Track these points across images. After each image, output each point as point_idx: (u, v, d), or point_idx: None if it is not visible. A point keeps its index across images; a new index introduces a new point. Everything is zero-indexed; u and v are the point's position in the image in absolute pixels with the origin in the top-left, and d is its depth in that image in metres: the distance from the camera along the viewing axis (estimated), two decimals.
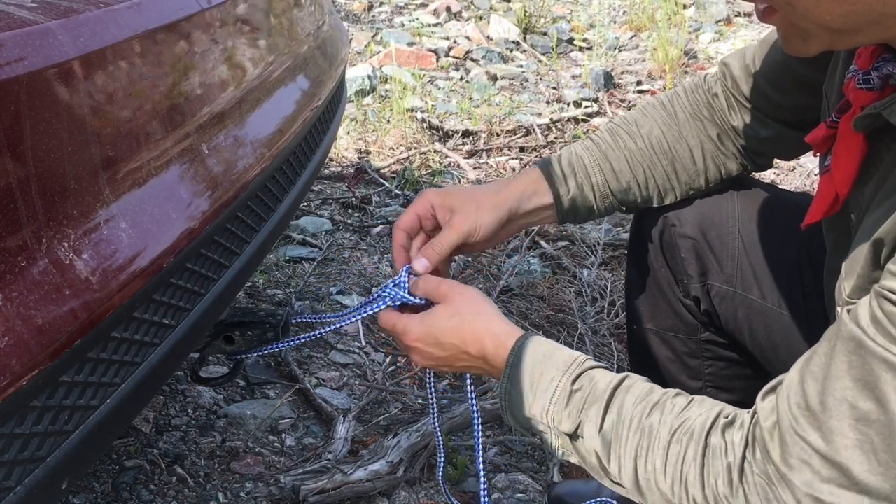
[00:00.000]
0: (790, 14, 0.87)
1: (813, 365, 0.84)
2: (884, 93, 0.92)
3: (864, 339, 0.79)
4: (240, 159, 1.24)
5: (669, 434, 0.95)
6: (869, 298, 0.80)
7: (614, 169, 1.37)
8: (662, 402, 0.98)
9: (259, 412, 1.96)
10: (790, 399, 0.85)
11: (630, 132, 1.39)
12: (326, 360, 2.21)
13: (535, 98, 4.47)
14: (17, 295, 0.78)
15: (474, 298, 1.14)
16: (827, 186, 1.00)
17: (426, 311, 1.15)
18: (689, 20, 5.79)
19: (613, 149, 1.37)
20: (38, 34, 0.84)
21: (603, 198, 1.38)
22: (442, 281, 1.18)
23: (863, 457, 0.78)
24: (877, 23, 0.83)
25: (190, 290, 1.09)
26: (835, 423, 0.80)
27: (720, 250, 1.36)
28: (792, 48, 0.93)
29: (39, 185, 0.83)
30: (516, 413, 1.08)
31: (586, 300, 2.51)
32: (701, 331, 1.45)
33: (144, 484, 1.72)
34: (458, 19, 5.86)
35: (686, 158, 1.38)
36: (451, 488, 1.79)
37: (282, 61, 1.49)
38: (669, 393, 1.00)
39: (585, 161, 1.36)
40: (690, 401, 0.98)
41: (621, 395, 1.00)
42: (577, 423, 1.01)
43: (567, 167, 1.36)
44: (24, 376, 0.77)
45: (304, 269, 2.65)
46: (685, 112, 1.39)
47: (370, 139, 3.73)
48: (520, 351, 1.07)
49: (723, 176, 1.39)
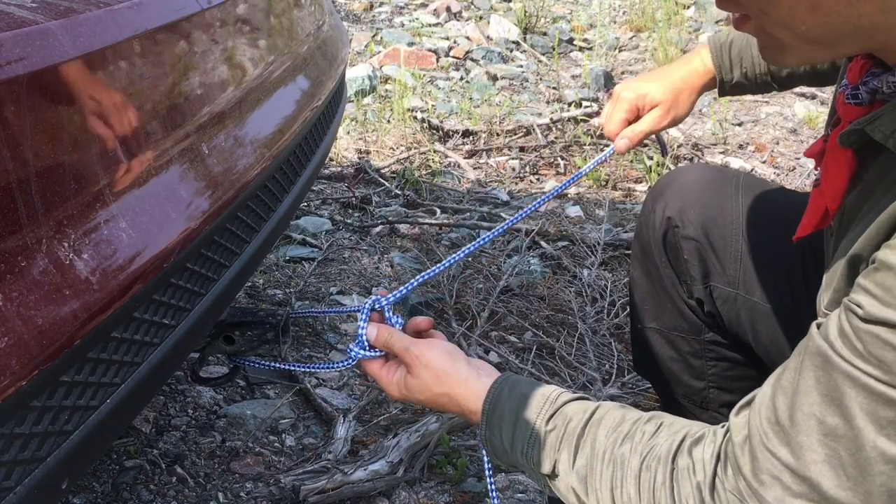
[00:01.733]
0: (764, 23, 0.86)
1: (783, 379, 0.84)
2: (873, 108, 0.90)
3: (831, 353, 0.78)
4: (240, 159, 1.24)
5: (640, 461, 0.95)
6: (838, 311, 0.80)
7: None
8: (632, 432, 0.98)
9: (259, 412, 1.96)
10: (761, 414, 0.85)
11: None
12: (326, 361, 2.21)
13: (535, 98, 4.47)
14: (17, 295, 0.78)
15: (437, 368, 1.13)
16: (817, 200, 1.00)
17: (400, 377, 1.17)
18: (689, 20, 5.79)
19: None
20: (38, 34, 0.84)
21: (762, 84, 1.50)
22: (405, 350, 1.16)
23: (832, 472, 0.78)
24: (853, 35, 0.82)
25: (190, 290, 1.09)
26: (803, 438, 0.80)
27: (723, 252, 1.36)
28: (769, 58, 0.91)
29: (39, 185, 0.83)
30: (501, 457, 1.09)
31: (586, 300, 2.51)
32: (705, 331, 1.44)
33: (144, 484, 1.72)
34: (458, 19, 5.86)
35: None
36: (451, 488, 1.79)
37: (282, 61, 1.49)
38: (641, 420, 1.00)
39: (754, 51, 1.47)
40: (659, 425, 0.98)
41: (593, 429, 1.00)
42: (553, 463, 1.02)
43: (736, 56, 1.47)
44: (24, 376, 0.77)
45: (304, 269, 2.65)
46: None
47: (370, 139, 3.73)
48: (495, 399, 1.08)
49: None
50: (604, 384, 2.10)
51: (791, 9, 0.81)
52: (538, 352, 2.27)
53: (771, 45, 0.89)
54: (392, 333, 1.19)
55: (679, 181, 1.41)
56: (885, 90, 0.86)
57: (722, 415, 1.50)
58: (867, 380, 0.75)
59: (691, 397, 1.51)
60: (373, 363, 1.21)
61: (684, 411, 1.52)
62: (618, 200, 3.32)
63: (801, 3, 0.80)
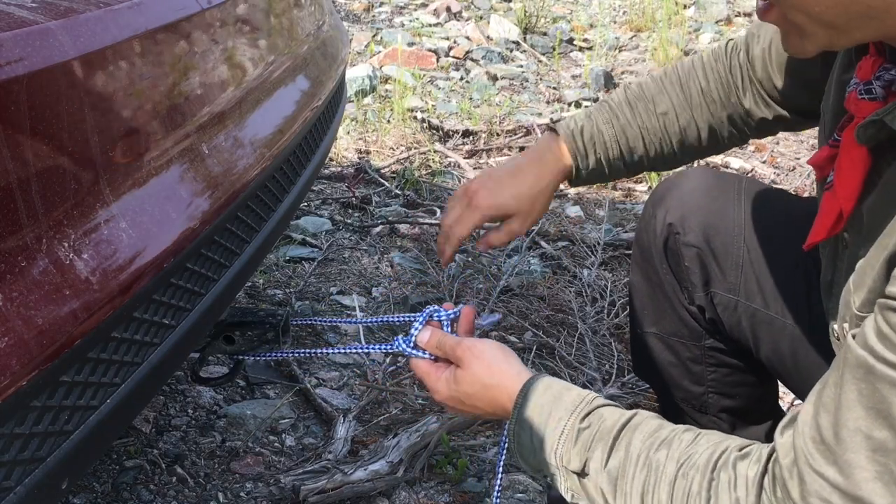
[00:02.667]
0: (783, 7, 0.88)
1: (825, 396, 0.82)
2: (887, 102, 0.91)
3: (872, 361, 0.76)
4: (240, 159, 1.24)
5: (676, 468, 0.93)
6: (873, 316, 0.78)
7: (630, 145, 1.42)
8: (670, 439, 0.96)
9: (259, 412, 1.96)
10: (805, 434, 0.83)
11: (647, 110, 1.42)
12: (326, 360, 2.21)
13: (535, 98, 4.47)
14: (18, 295, 0.78)
15: (490, 360, 1.15)
16: (830, 203, 0.99)
17: (449, 374, 1.19)
18: (689, 20, 5.79)
19: (631, 125, 1.42)
20: (38, 34, 0.84)
21: (615, 170, 1.45)
22: (458, 343, 1.18)
23: (884, 489, 0.76)
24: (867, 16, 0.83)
25: (190, 290, 1.09)
26: (851, 455, 0.77)
27: (724, 259, 1.36)
28: (791, 47, 0.93)
29: (39, 185, 0.83)
30: (526, 454, 1.07)
31: (586, 300, 2.51)
32: (705, 337, 1.44)
33: (144, 484, 1.72)
34: (458, 19, 5.86)
35: (693, 139, 1.43)
36: (451, 488, 1.79)
37: (282, 61, 1.49)
38: (679, 429, 0.98)
39: (606, 137, 1.42)
40: (698, 435, 0.96)
41: (629, 432, 0.99)
42: (584, 461, 0.99)
43: (588, 142, 1.42)
44: (24, 376, 0.77)
45: (304, 269, 2.65)
46: (700, 94, 1.42)
47: (370, 139, 3.73)
48: (528, 393, 1.08)
49: (717, 148, 1.47)
50: (604, 384, 2.10)
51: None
52: (538, 352, 2.27)
53: (792, 32, 0.91)
54: (444, 335, 1.22)
55: (680, 187, 1.41)
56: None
57: (721, 419, 1.49)
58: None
59: (690, 402, 1.51)
60: (422, 362, 1.24)
61: (683, 415, 1.52)
62: (618, 200, 3.32)
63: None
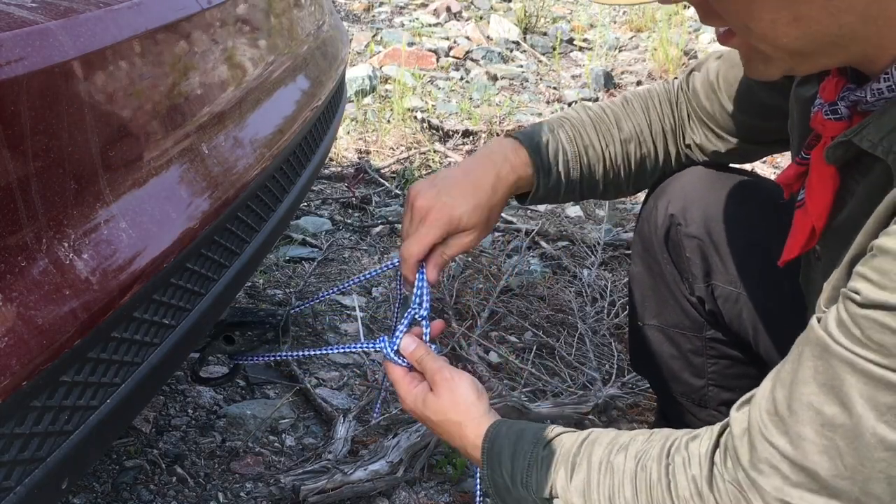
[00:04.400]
0: (748, 37, 0.87)
1: (782, 372, 0.85)
2: (852, 122, 0.92)
3: (829, 342, 0.79)
4: (240, 159, 1.24)
5: (635, 464, 0.96)
6: (837, 304, 0.81)
7: (591, 166, 1.39)
8: (626, 443, 0.99)
9: (259, 412, 1.96)
10: (760, 406, 0.85)
11: (611, 133, 1.40)
12: (326, 360, 2.21)
13: (535, 98, 4.47)
14: (18, 295, 0.78)
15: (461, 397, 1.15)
16: (802, 220, 1.01)
17: (421, 391, 1.19)
18: (689, 20, 5.79)
19: (593, 147, 1.38)
20: (37, 34, 0.84)
21: (570, 190, 1.39)
22: (438, 370, 1.18)
23: (829, 462, 0.78)
24: (834, 44, 0.83)
25: (190, 290, 1.09)
26: (801, 427, 0.80)
27: (725, 250, 1.36)
28: (754, 72, 0.93)
29: (39, 185, 0.83)
30: (504, 496, 1.09)
31: (586, 300, 2.51)
32: (706, 328, 1.44)
33: (144, 484, 1.72)
34: (458, 19, 5.86)
35: (649, 167, 1.43)
36: (451, 488, 1.79)
37: (282, 61, 1.49)
38: (634, 433, 1.01)
39: (569, 155, 1.37)
40: (652, 433, 0.99)
41: (588, 447, 1.02)
42: (550, 484, 1.02)
43: (553, 158, 1.34)
44: (25, 376, 0.77)
45: (304, 269, 2.65)
46: (658, 123, 1.42)
47: (370, 139, 3.73)
48: (494, 436, 1.10)
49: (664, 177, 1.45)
50: (604, 384, 2.10)
51: (773, 22, 0.83)
52: (538, 352, 2.27)
53: (755, 59, 0.91)
54: (428, 352, 1.21)
55: (682, 178, 1.41)
56: (869, 98, 0.87)
57: (721, 412, 1.49)
58: (867, 365, 0.75)
59: (690, 395, 1.51)
60: (397, 368, 1.23)
61: (682, 409, 1.52)
62: (618, 200, 3.32)
63: (782, 17, 0.82)
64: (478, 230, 1.27)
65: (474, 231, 1.27)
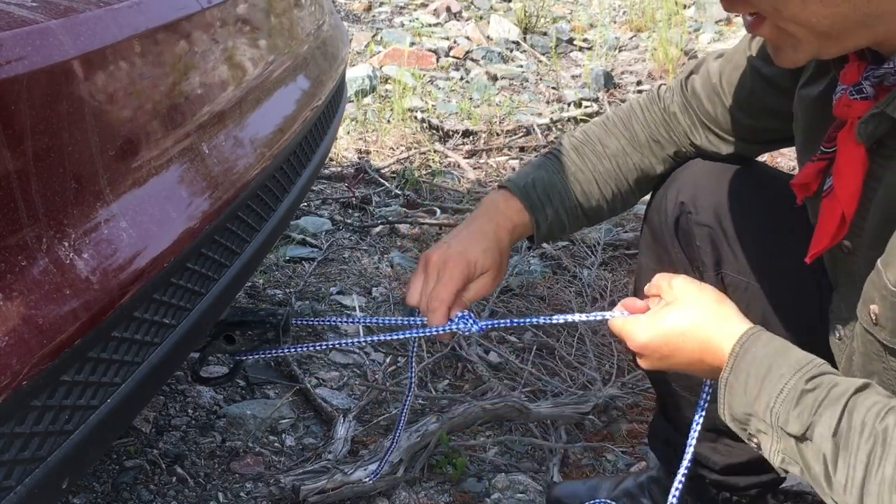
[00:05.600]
0: (778, 20, 0.89)
1: None
2: (878, 98, 0.94)
3: None
4: (240, 159, 1.24)
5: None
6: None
7: (585, 191, 1.39)
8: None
9: (259, 412, 1.96)
10: None
11: (596, 152, 1.40)
12: (326, 360, 2.21)
13: (535, 98, 4.47)
14: (18, 294, 0.78)
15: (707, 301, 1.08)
16: (830, 209, 1.00)
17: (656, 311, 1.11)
18: (689, 20, 5.79)
19: (583, 170, 1.39)
20: (38, 33, 0.84)
21: (574, 218, 1.40)
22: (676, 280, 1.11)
23: None
24: (862, 24, 0.86)
25: (190, 289, 1.09)
26: None
27: (735, 240, 1.35)
28: (783, 59, 0.94)
29: (39, 185, 0.83)
30: (735, 407, 1.01)
31: (586, 300, 2.51)
32: None
33: (144, 484, 1.72)
34: (458, 19, 5.86)
35: (649, 173, 1.42)
36: (451, 488, 1.79)
37: (282, 61, 1.49)
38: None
39: (559, 187, 1.37)
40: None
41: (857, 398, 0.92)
42: (807, 425, 0.93)
43: (543, 195, 1.36)
44: (25, 376, 0.77)
45: (304, 269, 2.65)
46: (645, 133, 1.42)
47: (370, 139, 3.73)
48: (748, 342, 1.01)
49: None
50: (604, 384, 2.10)
51: (803, 3, 0.85)
52: (538, 352, 2.27)
53: (785, 44, 0.92)
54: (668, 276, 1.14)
55: (692, 168, 1.41)
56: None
57: None
58: None
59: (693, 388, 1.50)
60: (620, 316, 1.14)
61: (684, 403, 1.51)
62: None
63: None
64: (493, 271, 1.29)
65: (490, 273, 1.29)
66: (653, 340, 1.09)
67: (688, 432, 1.53)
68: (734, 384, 1.00)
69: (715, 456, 1.51)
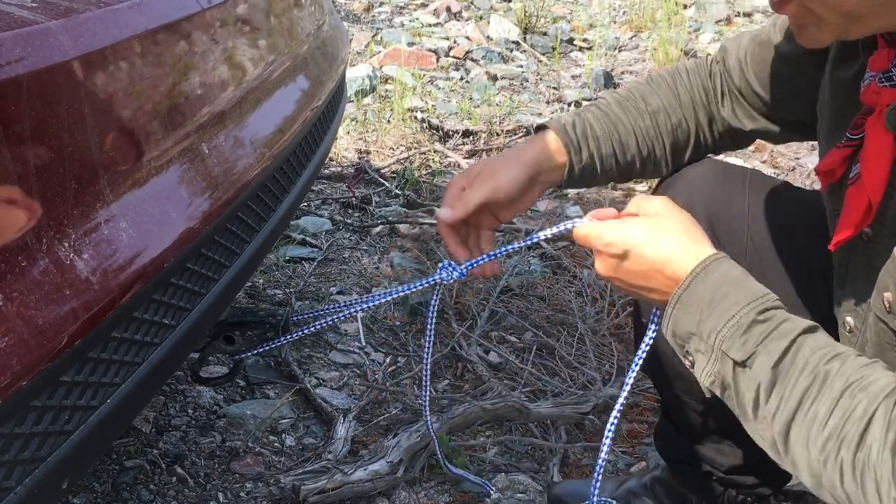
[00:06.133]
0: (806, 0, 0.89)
1: None
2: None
3: None
4: (240, 159, 1.24)
5: (844, 385, 0.89)
6: None
7: (622, 142, 1.38)
8: (845, 355, 0.92)
9: (259, 412, 1.96)
10: None
11: (638, 108, 1.39)
12: (326, 360, 2.21)
13: (535, 98, 4.47)
14: (18, 295, 0.78)
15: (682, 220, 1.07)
16: (856, 197, 0.99)
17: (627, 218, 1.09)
18: (689, 20, 5.79)
19: (623, 123, 1.38)
20: (38, 34, 0.84)
21: (607, 168, 1.38)
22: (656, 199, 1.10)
23: None
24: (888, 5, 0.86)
25: (190, 289, 1.09)
26: None
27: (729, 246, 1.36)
28: (807, 38, 0.95)
29: (39, 185, 0.83)
30: (680, 325, 1.01)
31: (586, 300, 2.51)
32: None
33: (144, 484, 1.72)
34: (458, 19, 5.86)
35: (682, 140, 1.41)
36: (450, 488, 1.79)
37: (282, 61, 1.49)
38: (852, 350, 0.94)
39: (598, 132, 1.36)
40: (874, 361, 0.92)
41: (806, 338, 0.94)
42: (749, 353, 0.94)
43: (581, 135, 1.36)
44: (25, 376, 0.77)
45: (304, 269, 2.65)
46: (687, 95, 1.41)
47: (370, 139, 3.73)
48: (711, 266, 1.01)
49: (701, 155, 1.43)
50: (604, 384, 2.10)
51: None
52: (538, 352, 2.27)
53: (809, 24, 0.93)
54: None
55: (687, 174, 1.41)
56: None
57: None
58: None
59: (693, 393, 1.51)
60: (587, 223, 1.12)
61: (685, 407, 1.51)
62: (618, 200, 3.32)
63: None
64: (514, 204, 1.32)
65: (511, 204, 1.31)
66: (616, 240, 1.06)
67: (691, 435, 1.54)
68: (686, 302, 1.00)
69: (720, 458, 1.52)
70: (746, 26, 5.73)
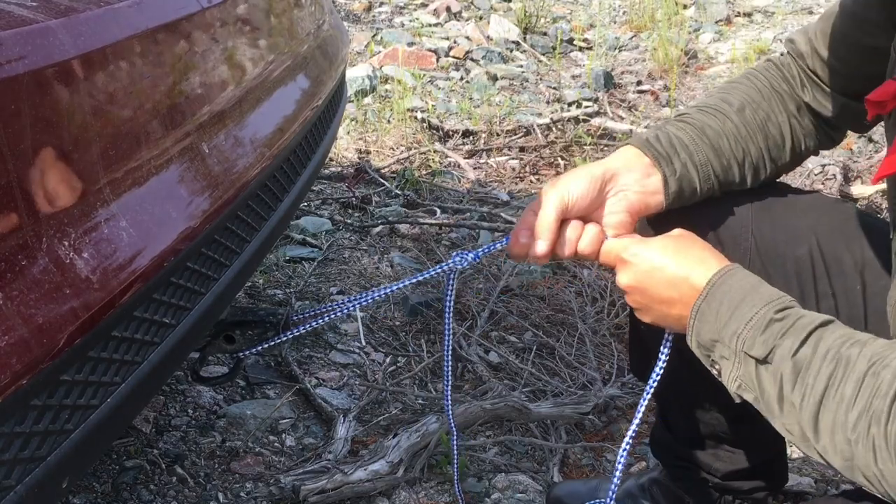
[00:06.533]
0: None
1: None
2: None
3: None
4: (240, 159, 1.24)
5: (868, 365, 0.90)
6: None
7: (714, 146, 1.29)
8: (865, 340, 0.94)
9: (259, 412, 1.96)
10: None
11: (722, 109, 1.32)
12: (326, 360, 2.21)
13: (535, 98, 4.47)
14: (18, 294, 0.78)
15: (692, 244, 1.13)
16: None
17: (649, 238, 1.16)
18: (689, 20, 5.79)
19: (710, 126, 1.30)
20: (38, 33, 0.84)
21: (706, 178, 1.28)
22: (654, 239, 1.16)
23: None
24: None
25: (190, 289, 1.09)
26: None
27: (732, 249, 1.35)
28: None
29: (39, 185, 0.83)
30: (703, 333, 1.04)
31: (586, 300, 2.51)
32: None
33: (144, 484, 1.72)
34: (458, 19, 5.86)
35: (776, 135, 1.34)
36: (451, 488, 1.79)
37: (282, 61, 1.49)
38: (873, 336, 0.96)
39: (685, 139, 1.28)
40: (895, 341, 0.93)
41: (823, 331, 0.96)
42: (770, 349, 0.97)
43: (668, 146, 1.26)
44: (25, 375, 0.77)
45: (304, 269, 2.65)
46: (767, 87, 1.36)
47: (370, 139, 3.73)
48: (727, 275, 1.06)
49: (802, 152, 1.37)
50: (604, 384, 2.10)
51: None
52: (538, 352, 2.27)
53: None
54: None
55: None
56: None
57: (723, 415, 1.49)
58: None
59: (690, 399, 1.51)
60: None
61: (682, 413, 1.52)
62: None
63: None
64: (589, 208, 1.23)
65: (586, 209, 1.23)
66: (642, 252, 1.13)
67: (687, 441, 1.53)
68: (706, 311, 1.04)
69: (717, 463, 1.51)
70: (746, 26, 5.73)
